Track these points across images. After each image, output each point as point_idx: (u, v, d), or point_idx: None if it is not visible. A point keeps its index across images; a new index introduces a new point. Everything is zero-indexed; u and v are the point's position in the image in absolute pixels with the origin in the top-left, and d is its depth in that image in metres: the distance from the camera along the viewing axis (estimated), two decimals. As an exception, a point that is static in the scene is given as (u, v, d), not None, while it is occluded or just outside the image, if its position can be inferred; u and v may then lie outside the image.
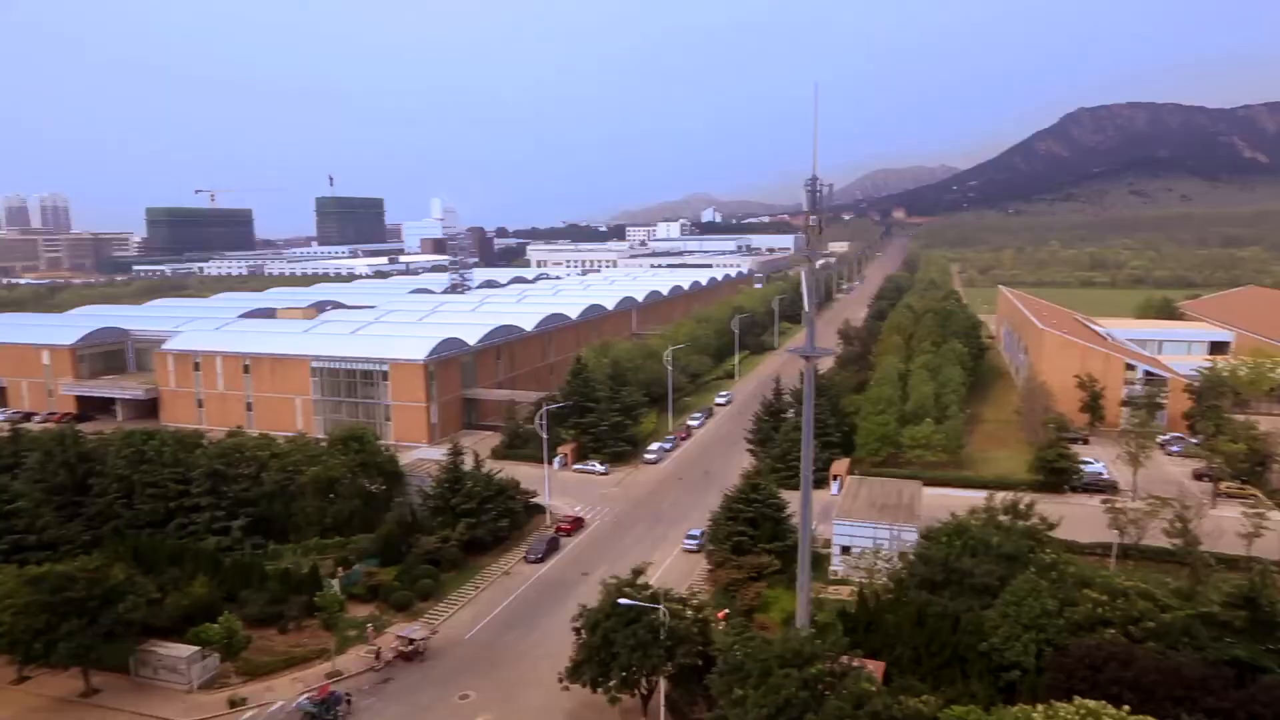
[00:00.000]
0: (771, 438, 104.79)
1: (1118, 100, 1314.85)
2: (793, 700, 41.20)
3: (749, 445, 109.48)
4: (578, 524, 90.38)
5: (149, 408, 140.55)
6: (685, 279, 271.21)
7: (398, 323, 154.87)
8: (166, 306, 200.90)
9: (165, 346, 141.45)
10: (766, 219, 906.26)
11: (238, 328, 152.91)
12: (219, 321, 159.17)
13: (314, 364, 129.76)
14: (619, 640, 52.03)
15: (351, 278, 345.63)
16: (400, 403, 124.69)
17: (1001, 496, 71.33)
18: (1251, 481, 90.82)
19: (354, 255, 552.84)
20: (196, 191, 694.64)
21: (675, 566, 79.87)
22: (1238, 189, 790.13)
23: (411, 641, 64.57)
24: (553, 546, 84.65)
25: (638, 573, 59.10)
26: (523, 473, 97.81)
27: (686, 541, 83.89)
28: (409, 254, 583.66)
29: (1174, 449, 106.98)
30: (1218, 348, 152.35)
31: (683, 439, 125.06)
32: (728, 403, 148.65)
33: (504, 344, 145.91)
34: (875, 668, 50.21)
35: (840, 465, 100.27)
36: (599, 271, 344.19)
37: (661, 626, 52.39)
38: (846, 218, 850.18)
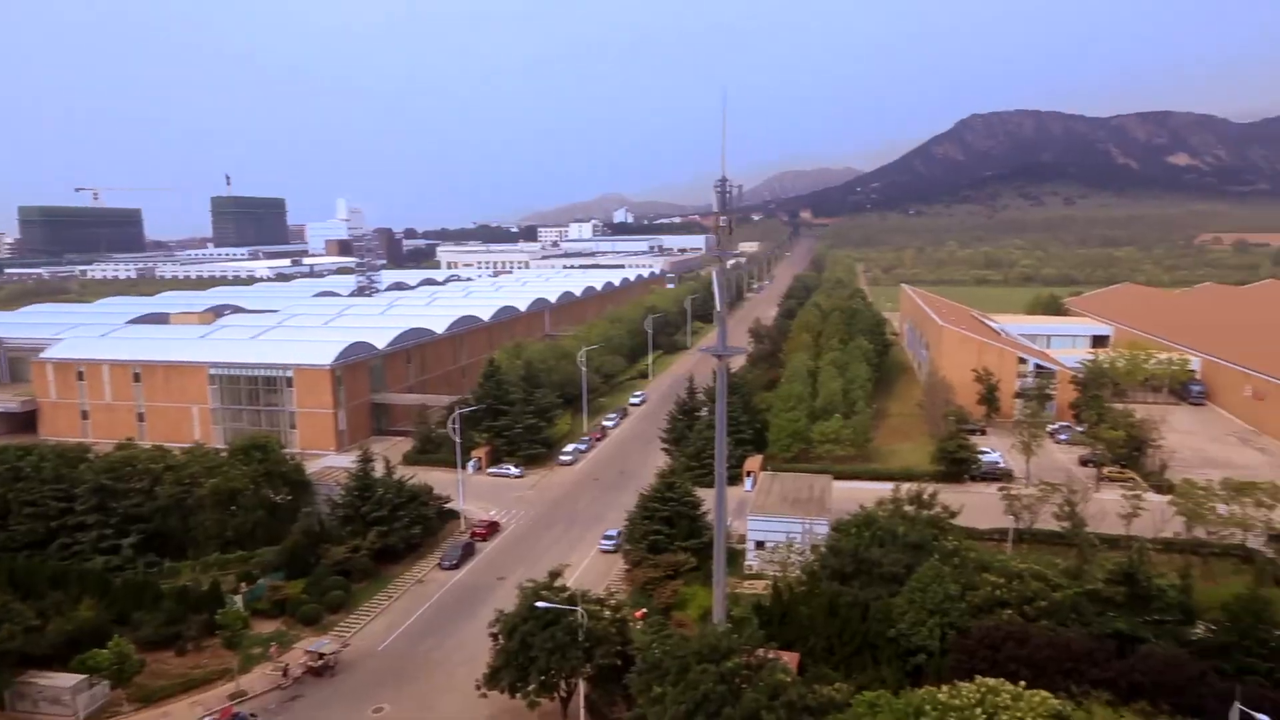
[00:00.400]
0: (686, 436, 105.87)
1: (1008, 108, 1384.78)
2: (710, 695, 41.72)
3: (664, 444, 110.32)
4: (493, 528, 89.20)
5: (25, 421, 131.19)
6: (598, 280, 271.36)
7: (302, 326, 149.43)
8: (44, 312, 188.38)
9: (44, 355, 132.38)
10: (678, 220, 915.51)
11: (127, 334, 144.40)
12: (105, 328, 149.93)
13: (212, 371, 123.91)
14: (537, 643, 51.62)
15: (252, 281, 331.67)
16: (306, 409, 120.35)
17: (907, 488, 74.02)
18: (1130, 465, 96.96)
19: (254, 257, 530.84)
20: (77, 189, 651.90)
21: (593, 567, 79.79)
22: (1113, 193, 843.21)
23: (321, 656, 62.44)
24: (468, 552, 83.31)
25: (555, 575, 58.79)
26: (436, 478, 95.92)
27: (603, 542, 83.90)
28: (313, 256, 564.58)
29: (1062, 437, 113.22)
30: (1099, 341, 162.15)
31: (598, 440, 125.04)
32: (642, 403, 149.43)
33: (414, 347, 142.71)
34: (790, 659, 51.38)
35: (754, 461, 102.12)
36: (511, 273, 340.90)
37: (580, 628, 52.23)
38: (756, 218, 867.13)
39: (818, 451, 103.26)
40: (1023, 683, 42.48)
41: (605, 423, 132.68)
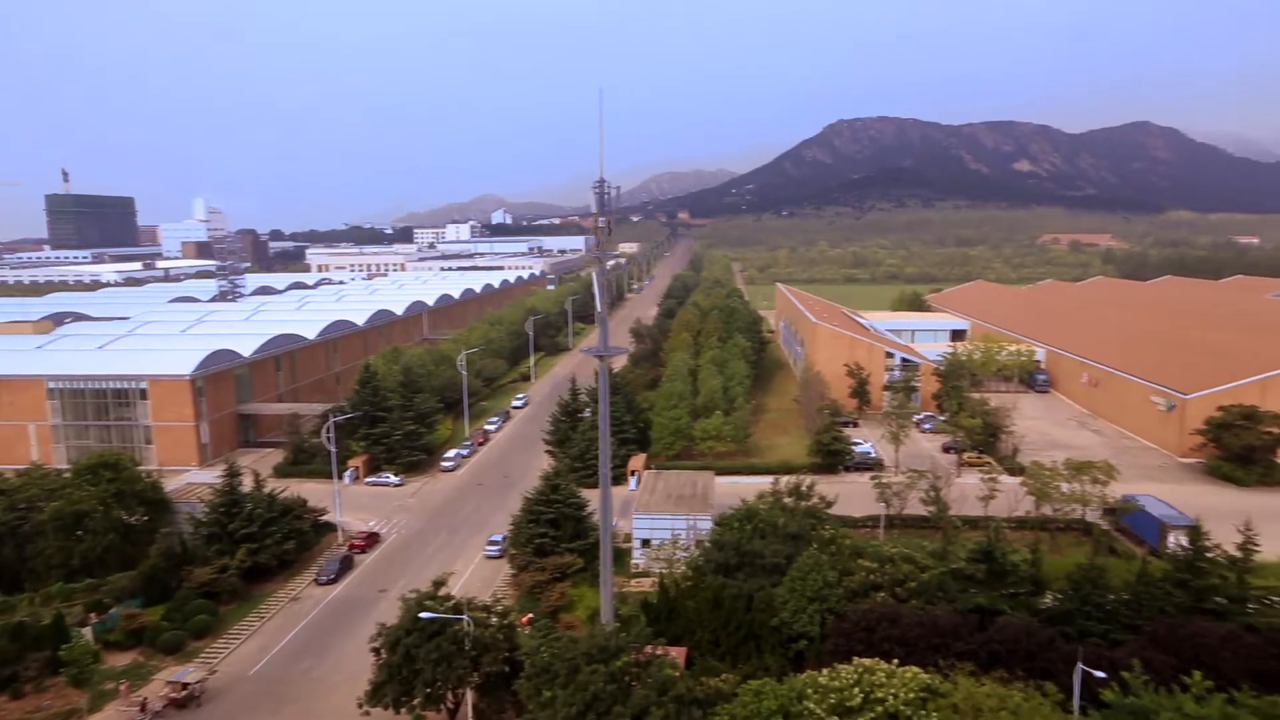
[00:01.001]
0: (570, 438, 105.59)
1: (871, 114, 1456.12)
2: (600, 695, 41.78)
3: (548, 446, 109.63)
4: (373, 539, 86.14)
5: None
6: (477, 282, 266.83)
7: (157, 334, 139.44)
8: None
9: None
10: (557, 221, 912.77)
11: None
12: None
13: (51, 384, 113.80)
14: (421, 655, 50.18)
15: (97, 286, 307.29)
16: (163, 423, 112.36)
17: (785, 480, 76.45)
18: (986, 451, 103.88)
19: (99, 260, 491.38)
20: None
21: (478, 574, 78.36)
22: (966, 197, 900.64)
23: (185, 686, 58.41)
24: (346, 565, 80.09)
25: (439, 584, 57.30)
26: (310, 490, 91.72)
27: (488, 548, 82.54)
28: (169, 259, 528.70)
29: (926, 426, 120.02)
30: (957, 335, 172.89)
31: (480, 444, 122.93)
32: (525, 405, 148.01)
33: (284, 354, 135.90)
34: (678, 653, 52.13)
35: (637, 460, 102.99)
36: (386, 275, 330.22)
37: (466, 637, 51.18)
38: (635, 219, 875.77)
39: (700, 448, 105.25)
40: (896, 660, 44.81)
41: (487, 426, 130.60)
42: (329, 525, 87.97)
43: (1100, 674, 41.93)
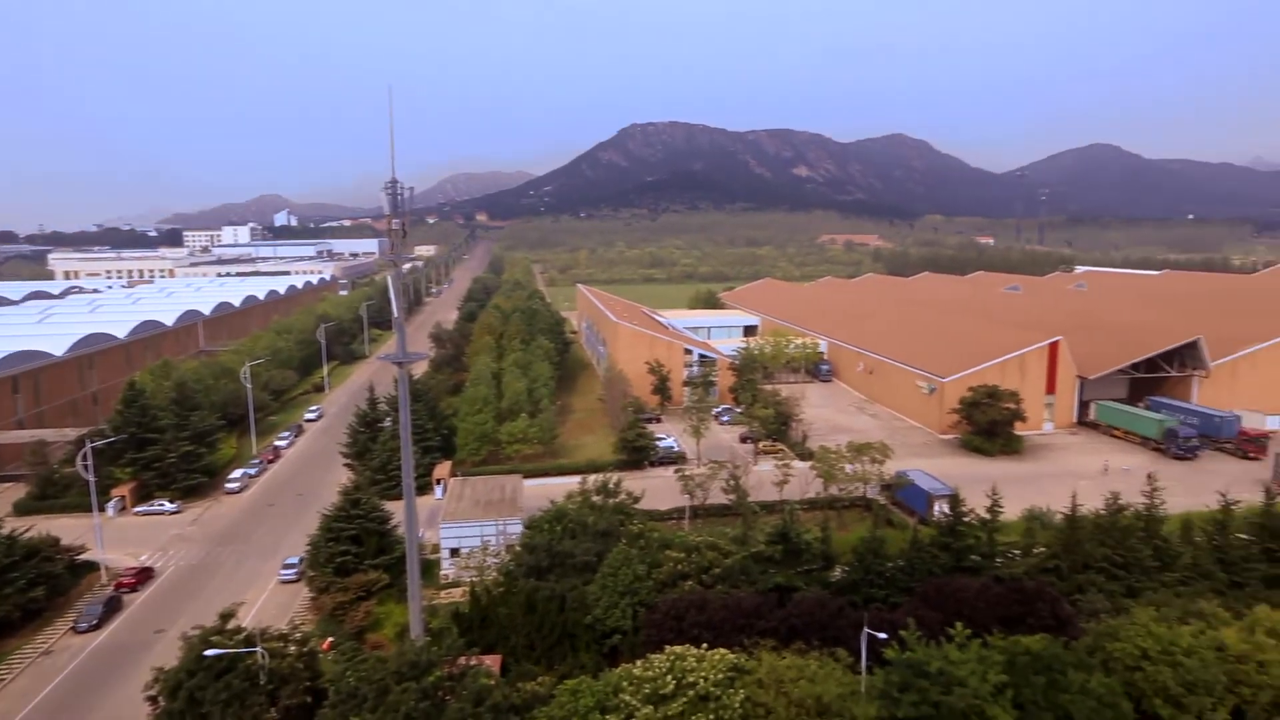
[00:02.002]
0: (369, 449, 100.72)
1: (662, 119, 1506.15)
2: (413, 714, 40.24)
3: (345, 459, 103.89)
4: (145, 576, 77.45)
5: None
6: (260, 288, 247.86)
7: None
8: None
9: None
10: (348, 223, 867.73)
11: None
12: None
13: None
14: (209, 697, 45.88)
15: None
16: None
17: (593, 479, 77.41)
18: (779, 438, 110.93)
19: None
20: None
21: (273, 601, 72.78)
22: (752, 200, 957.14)
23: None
24: (113, 608, 71.44)
25: (227, 616, 52.64)
26: (64, 526, 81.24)
27: (283, 572, 76.90)
28: None
29: (724, 419, 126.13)
30: (749, 331, 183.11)
31: (270, 461, 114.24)
32: (319, 417, 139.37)
33: (24, 374, 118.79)
34: (493, 661, 51.34)
35: (443, 468, 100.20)
36: (152, 282, 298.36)
37: (261, 670, 47.40)
38: (431, 221, 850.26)
39: (507, 452, 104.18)
40: (705, 644, 46.76)
41: (278, 443, 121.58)
42: (89, 564, 78.12)
43: (882, 635, 46.08)
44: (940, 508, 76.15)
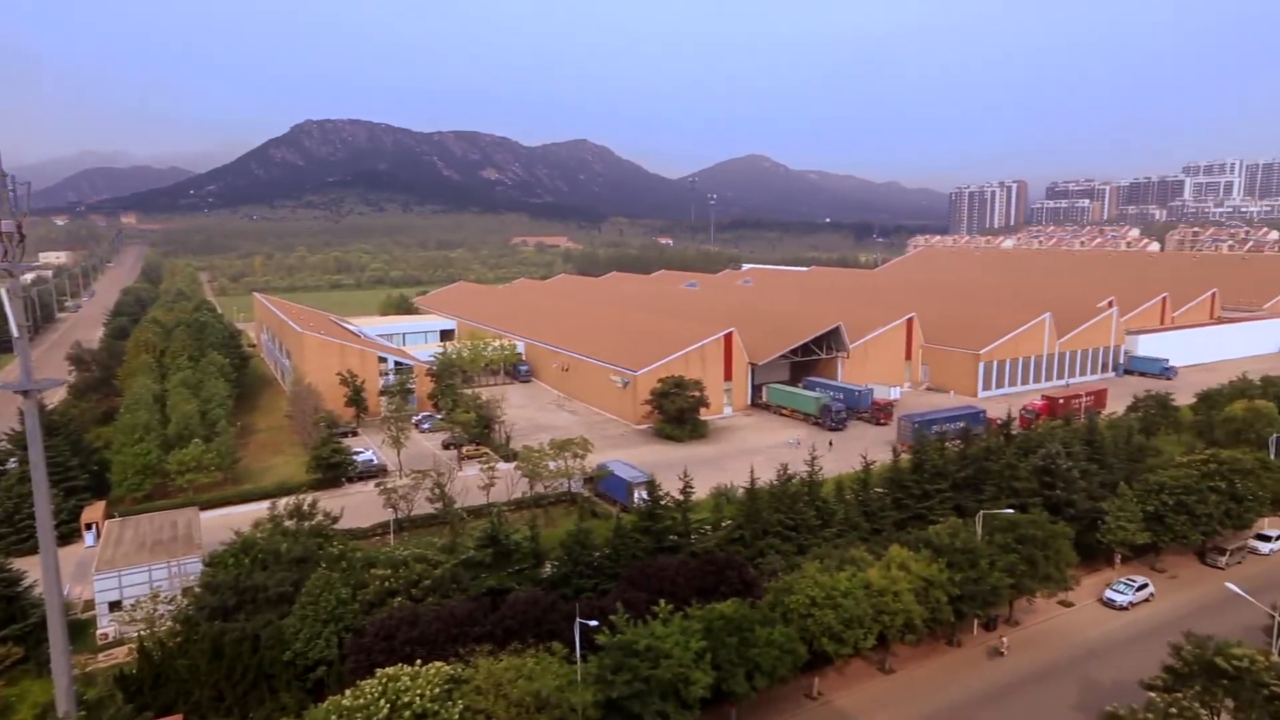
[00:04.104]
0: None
1: (341, 117, 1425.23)
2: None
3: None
4: None
5: None
6: None
7: None
8: None
9: None
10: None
11: None
12: None
13: None
14: None
15: None
16: None
17: (284, 502, 71.21)
18: (483, 442, 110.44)
19: None
20: None
21: None
22: (442, 202, 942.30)
23: None
24: None
25: None
26: None
27: None
28: None
29: (425, 426, 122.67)
30: (446, 335, 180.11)
31: None
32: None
33: None
34: (172, 723, 45.15)
35: (94, 510, 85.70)
36: None
37: None
38: (60, 222, 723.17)
39: (178, 483, 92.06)
40: (419, 660, 45.18)
41: None
42: None
43: (594, 623, 47.91)
44: (640, 494, 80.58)
